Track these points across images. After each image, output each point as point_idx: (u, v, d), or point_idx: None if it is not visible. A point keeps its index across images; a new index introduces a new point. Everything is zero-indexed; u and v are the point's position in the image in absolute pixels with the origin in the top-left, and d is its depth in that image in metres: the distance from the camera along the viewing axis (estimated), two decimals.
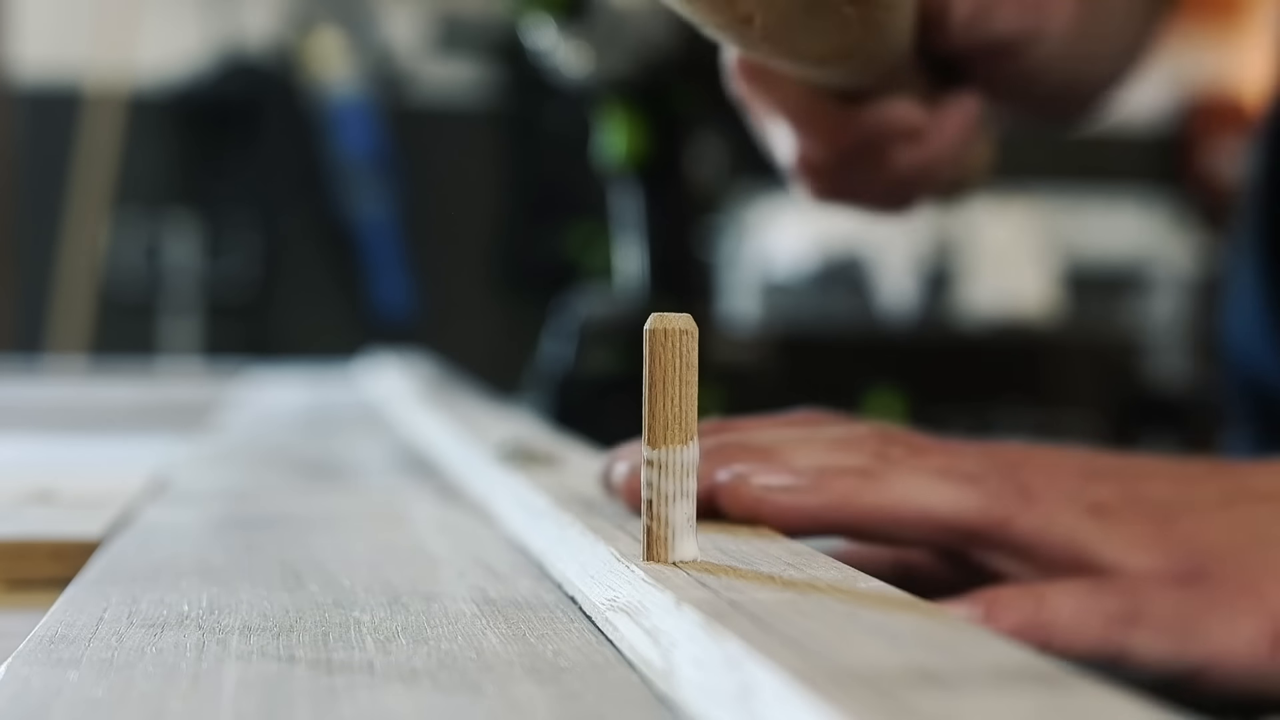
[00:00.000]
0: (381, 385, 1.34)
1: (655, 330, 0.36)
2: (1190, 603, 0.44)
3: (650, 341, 0.36)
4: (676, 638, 0.32)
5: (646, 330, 0.36)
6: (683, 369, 0.36)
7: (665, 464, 0.37)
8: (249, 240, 3.96)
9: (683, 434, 0.37)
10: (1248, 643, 0.44)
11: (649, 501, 0.37)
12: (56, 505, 0.58)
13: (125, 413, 1.14)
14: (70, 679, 0.32)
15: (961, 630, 0.30)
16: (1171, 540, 0.45)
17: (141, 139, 3.85)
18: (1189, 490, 0.47)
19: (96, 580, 0.43)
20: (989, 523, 0.45)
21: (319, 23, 4.00)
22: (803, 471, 0.45)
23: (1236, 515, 0.46)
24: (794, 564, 0.37)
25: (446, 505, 0.61)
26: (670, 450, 0.37)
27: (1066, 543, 0.45)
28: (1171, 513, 0.46)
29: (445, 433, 0.78)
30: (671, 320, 0.36)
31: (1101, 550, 0.45)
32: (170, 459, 0.77)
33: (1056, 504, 0.46)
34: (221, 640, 0.35)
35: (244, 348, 3.57)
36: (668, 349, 0.36)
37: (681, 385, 0.37)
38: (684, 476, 0.37)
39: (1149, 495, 0.47)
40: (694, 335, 0.36)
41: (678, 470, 0.37)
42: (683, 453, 0.37)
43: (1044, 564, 0.45)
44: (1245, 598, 0.44)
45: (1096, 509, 0.46)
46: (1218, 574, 0.45)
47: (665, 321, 0.36)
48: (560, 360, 1.15)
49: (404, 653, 0.35)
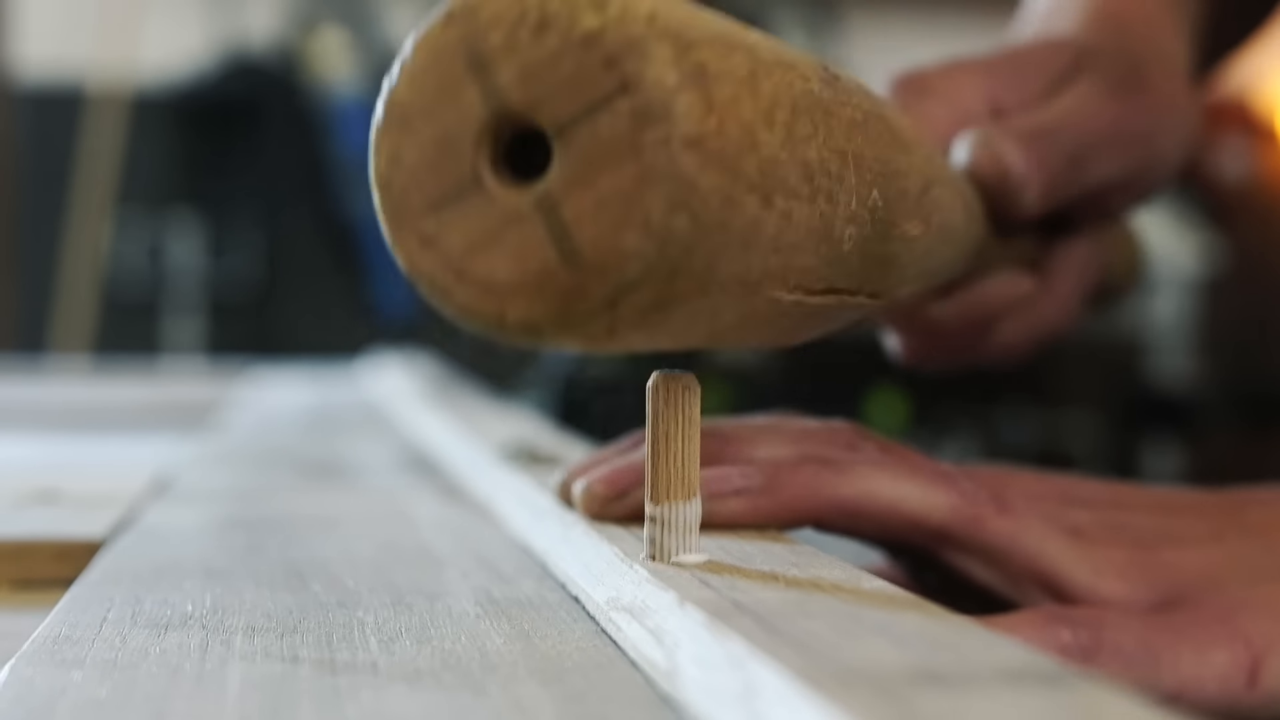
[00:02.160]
0: (384, 384, 1.34)
1: (658, 387, 0.36)
2: (1159, 633, 0.42)
3: (653, 398, 0.36)
4: (680, 637, 0.32)
5: (649, 387, 0.36)
6: (685, 425, 0.36)
7: (668, 520, 0.37)
8: (252, 239, 3.96)
9: (685, 490, 0.37)
10: (1221, 675, 0.41)
11: (651, 540, 0.37)
12: (60, 505, 0.58)
13: (128, 412, 1.14)
14: (74, 679, 0.32)
15: (966, 630, 0.30)
16: (1149, 569, 0.44)
17: (144, 138, 3.85)
18: (1175, 522, 0.45)
19: (100, 580, 0.43)
20: (961, 520, 0.43)
21: (321, 22, 4.00)
22: (758, 466, 0.43)
23: (1222, 549, 0.45)
24: (798, 563, 0.37)
25: (449, 505, 0.61)
26: (673, 506, 0.37)
27: (1036, 555, 0.43)
28: (1152, 542, 0.44)
29: (448, 432, 0.78)
30: (674, 378, 0.36)
31: (1073, 573, 0.43)
32: (173, 459, 0.77)
33: (1032, 518, 0.44)
34: (225, 641, 0.35)
35: (247, 347, 3.57)
36: (670, 406, 0.36)
37: (684, 442, 0.37)
38: (686, 533, 0.37)
39: (1131, 524, 0.45)
40: (696, 392, 0.36)
41: (680, 526, 0.37)
42: (685, 508, 0.37)
43: (1014, 574, 0.44)
44: (1220, 628, 0.42)
45: (1073, 531, 0.44)
46: (1193, 605, 0.43)
47: (668, 379, 0.36)
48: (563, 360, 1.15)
49: (408, 653, 0.35)
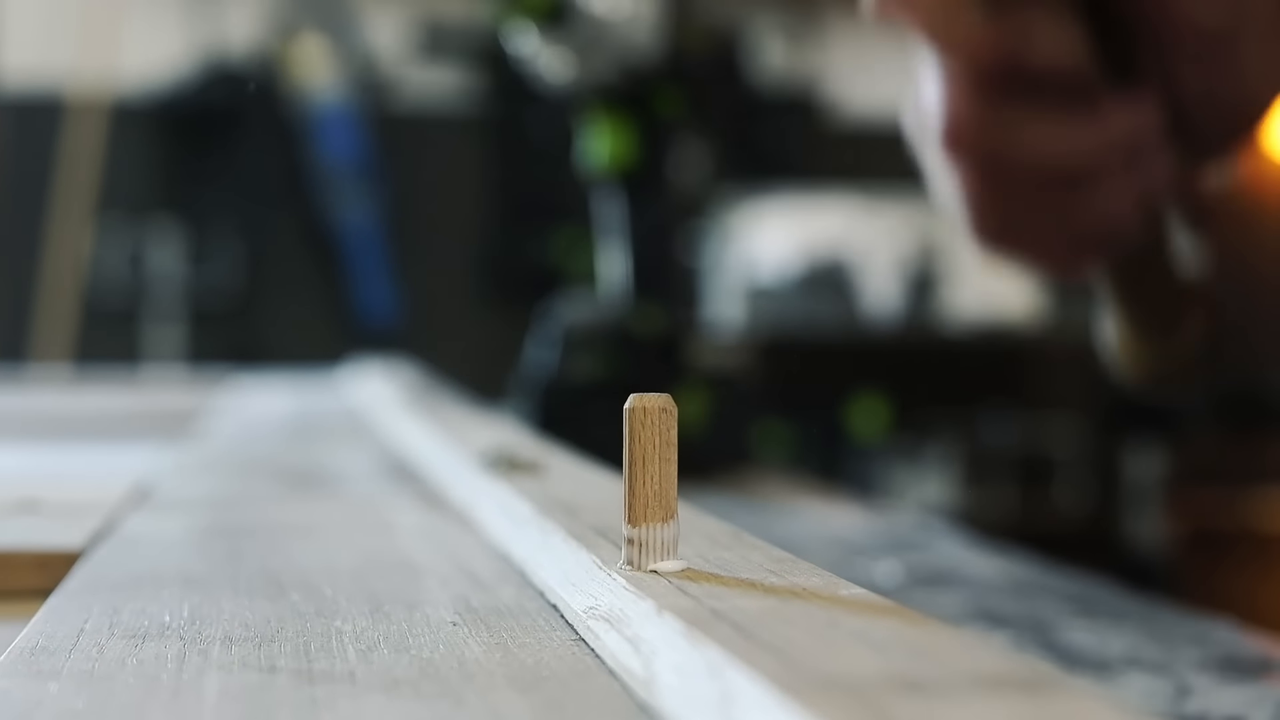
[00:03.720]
0: (365, 391, 1.34)
1: (635, 410, 0.36)
2: None
3: (630, 421, 0.36)
4: (657, 646, 0.31)
5: (626, 410, 0.36)
6: (662, 447, 0.37)
7: (645, 542, 0.37)
8: (233, 247, 3.95)
9: (663, 511, 0.37)
10: None
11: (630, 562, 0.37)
12: (39, 515, 0.58)
13: (109, 421, 1.14)
14: (51, 690, 0.32)
15: (944, 637, 0.30)
16: None
17: (125, 146, 3.84)
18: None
19: (78, 591, 0.43)
20: None
21: (302, 29, 3.99)
22: None
23: None
24: (776, 571, 0.37)
25: (430, 512, 0.61)
26: (650, 528, 0.37)
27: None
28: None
29: (429, 439, 0.78)
30: (651, 400, 0.37)
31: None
32: (154, 467, 0.77)
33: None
34: (203, 651, 0.35)
35: (228, 355, 3.56)
36: (647, 428, 0.36)
37: (661, 464, 0.37)
38: (664, 554, 0.37)
39: None
40: (673, 414, 0.37)
41: (658, 548, 0.37)
42: (663, 530, 0.37)
43: None
44: None
45: None
46: None
47: (645, 401, 0.36)
48: (544, 366, 1.15)
49: (385, 662, 0.34)
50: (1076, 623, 0.61)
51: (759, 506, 0.97)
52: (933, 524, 0.97)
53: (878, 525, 0.90)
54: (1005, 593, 0.68)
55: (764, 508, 0.97)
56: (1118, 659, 0.55)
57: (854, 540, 0.84)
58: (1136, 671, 0.53)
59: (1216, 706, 0.49)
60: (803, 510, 0.96)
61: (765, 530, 0.85)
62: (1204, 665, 0.54)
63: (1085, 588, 0.70)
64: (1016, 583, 0.70)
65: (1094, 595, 0.68)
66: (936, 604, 0.65)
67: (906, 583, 0.71)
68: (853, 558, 0.77)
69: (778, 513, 0.95)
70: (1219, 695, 0.50)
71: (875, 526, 0.90)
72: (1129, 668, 0.54)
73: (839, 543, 0.83)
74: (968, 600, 0.66)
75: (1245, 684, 0.51)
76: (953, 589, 0.69)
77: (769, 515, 0.93)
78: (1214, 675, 0.53)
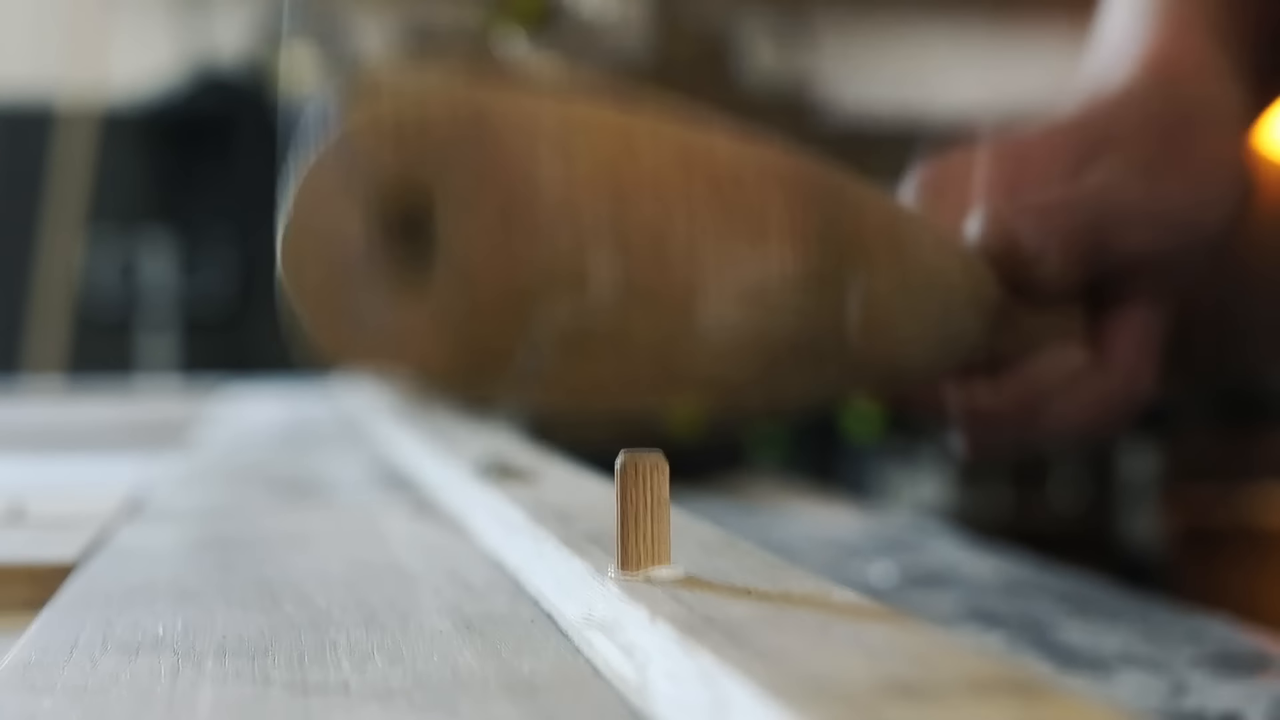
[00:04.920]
0: (358, 400, 1.34)
1: (626, 466, 0.36)
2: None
3: (621, 477, 0.37)
4: (651, 653, 0.31)
5: (618, 466, 0.36)
6: (654, 504, 0.37)
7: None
8: (225, 256, 3.95)
9: (656, 562, 0.37)
10: None
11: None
12: (31, 528, 0.58)
13: (101, 431, 1.13)
14: (44, 706, 0.32)
15: (936, 642, 0.30)
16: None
17: (115, 156, 3.83)
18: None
19: (71, 604, 0.43)
20: None
21: (291, 37, 3.99)
22: None
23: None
24: (769, 578, 0.37)
25: (423, 521, 0.61)
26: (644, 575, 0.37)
27: None
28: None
29: (422, 448, 0.78)
30: (643, 456, 0.37)
31: None
32: (147, 478, 0.76)
33: None
34: (196, 664, 0.35)
35: (221, 364, 3.56)
36: (639, 485, 0.37)
37: (653, 521, 0.37)
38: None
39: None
40: (664, 470, 0.37)
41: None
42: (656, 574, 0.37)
43: None
44: None
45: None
46: None
47: (637, 458, 0.37)
48: None
49: (380, 673, 0.34)
50: (1071, 621, 0.61)
51: (753, 509, 0.97)
52: (927, 524, 0.97)
53: (872, 526, 0.90)
54: (1000, 592, 0.68)
55: (758, 510, 0.97)
56: (1113, 657, 0.55)
57: (848, 542, 0.84)
58: (1132, 669, 0.53)
59: (1213, 703, 0.49)
60: (797, 512, 0.96)
61: (760, 533, 0.85)
62: (1200, 662, 0.54)
63: (1080, 586, 0.70)
64: (1011, 582, 0.70)
65: (1089, 593, 0.68)
66: (931, 604, 0.65)
67: (901, 584, 0.71)
68: (847, 559, 0.77)
69: (772, 515, 0.95)
70: (1215, 692, 0.50)
71: (869, 528, 0.90)
72: (1124, 665, 0.54)
73: (833, 544, 0.83)
74: (962, 600, 0.66)
75: (1241, 680, 0.52)
76: (947, 589, 0.69)
77: (763, 518, 0.93)
78: (1210, 672, 0.53)
